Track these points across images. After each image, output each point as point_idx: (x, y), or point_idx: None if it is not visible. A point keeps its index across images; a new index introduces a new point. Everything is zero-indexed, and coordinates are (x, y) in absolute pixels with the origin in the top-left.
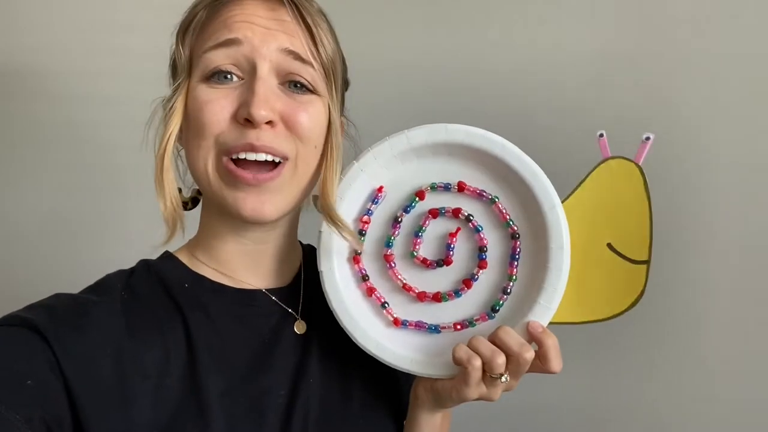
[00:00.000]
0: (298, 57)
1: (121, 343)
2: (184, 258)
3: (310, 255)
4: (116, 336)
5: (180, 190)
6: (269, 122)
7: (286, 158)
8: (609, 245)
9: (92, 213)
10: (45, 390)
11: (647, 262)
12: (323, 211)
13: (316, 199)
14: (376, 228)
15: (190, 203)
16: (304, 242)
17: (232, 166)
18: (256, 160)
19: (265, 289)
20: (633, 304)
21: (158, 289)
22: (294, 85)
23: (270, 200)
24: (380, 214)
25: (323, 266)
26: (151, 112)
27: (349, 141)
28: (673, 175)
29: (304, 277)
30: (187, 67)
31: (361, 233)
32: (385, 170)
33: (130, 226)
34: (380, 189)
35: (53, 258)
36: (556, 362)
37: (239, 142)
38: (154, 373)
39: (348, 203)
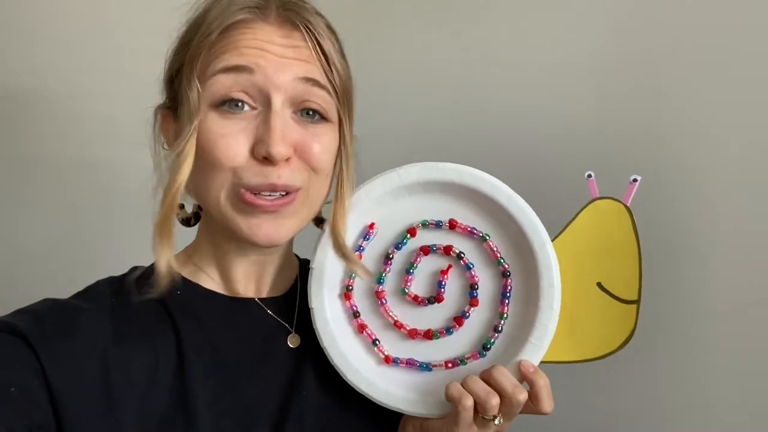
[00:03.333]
0: (315, 83)
1: (108, 350)
2: (177, 265)
3: (305, 268)
4: (103, 343)
5: (183, 206)
6: (287, 159)
7: (299, 189)
8: (599, 284)
9: (96, 232)
10: (29, 398)
11: (637, 302)
12: (335, 248)
13: (318, 221)
14: (367, 264)
15: (192, 219)
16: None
17: (249, 197)
18: (270, 196)
19: (259, 299)
20: (624, 344)
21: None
22: (307, 113)
23: (284, 225)
24: (372, 250)
25: (314, 303)
26: (151, 118)
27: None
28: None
29: (300, 290)
30: (198, 104)
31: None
32: (376, 207)
33: (133, 244)
34: (372, 226)
35: (55, 275)
36: (547, 403)
37: (260, 181)
38: (141, 381)
39: None
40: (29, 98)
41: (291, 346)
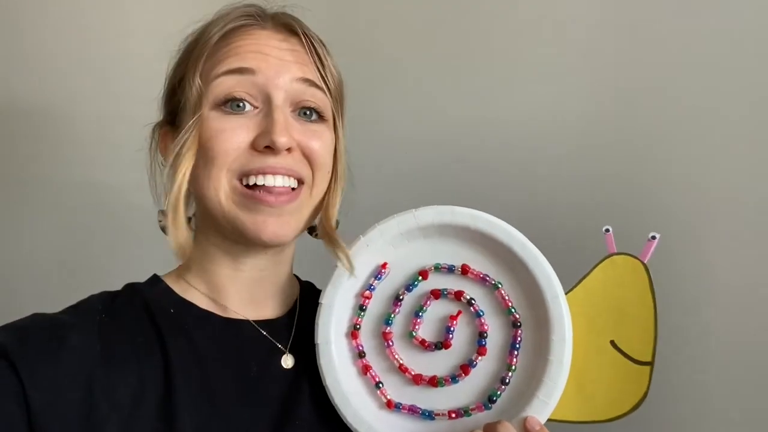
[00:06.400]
0: (312, 84)
1: (94, 371)
2: (172, 282)
3: (306, 290)
4: (90, 363)
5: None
6: (288, 149)
7: (302, 182)
8: (612, 342)
9: (102, 254)
10: (6, 424)
11: (651, 364)
12: (324, 231)
13: (312, 230)
14: (376, 304)
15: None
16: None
17: (254, 193)
18: (274, 186)
19: (254, 321)
20: (636, 407)
21: (141, 314)
22: (305, 112)
23: (288, 222)
24: (382, 290)
25: (320, 339)
26: (148, 136)
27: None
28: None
29: (298, 312)
30: (199, 100)
31: (362, 308)
32: (390, 247)
33: (141, 267)
34: (384, 265)
35: (56, 295)
36: None
37: (257, 165)
38: (126, 403)
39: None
40: (34, 119)
41: (285, 367)
